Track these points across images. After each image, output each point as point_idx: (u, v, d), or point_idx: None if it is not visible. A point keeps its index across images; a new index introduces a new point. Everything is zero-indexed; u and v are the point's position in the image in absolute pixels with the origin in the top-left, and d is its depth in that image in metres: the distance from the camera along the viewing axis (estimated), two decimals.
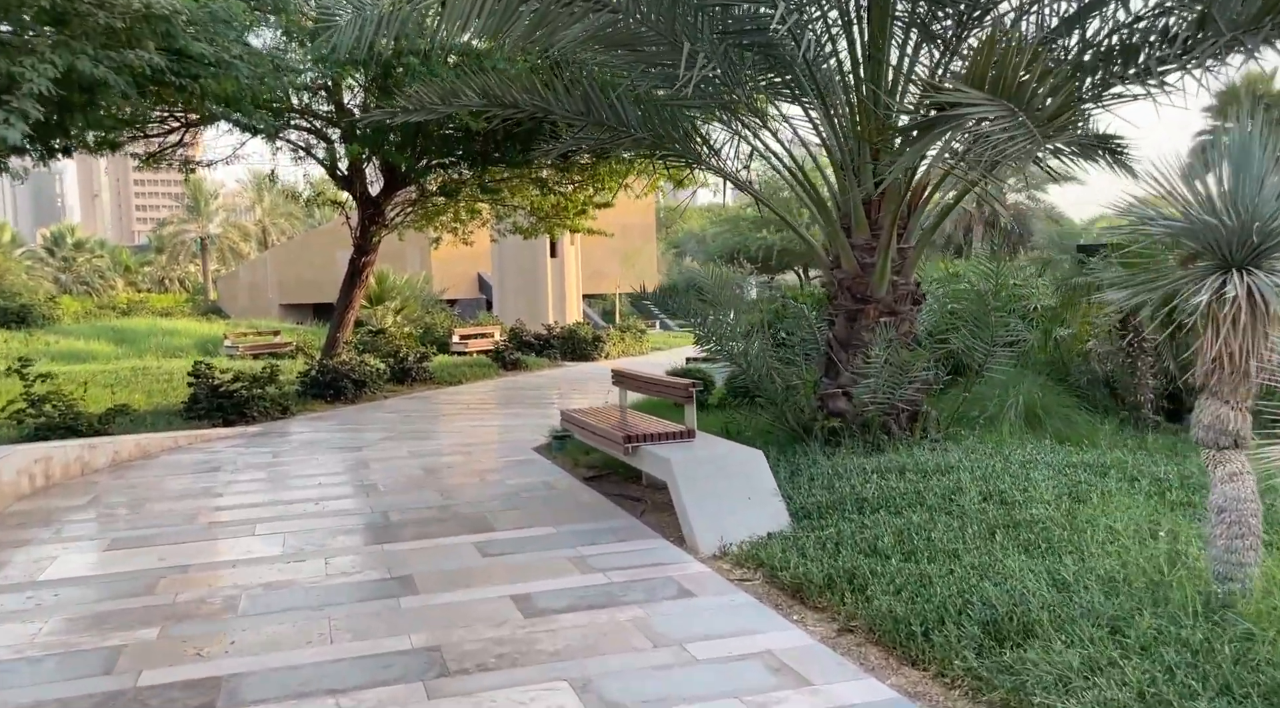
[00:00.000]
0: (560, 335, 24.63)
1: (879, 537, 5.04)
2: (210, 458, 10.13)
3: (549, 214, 20.80)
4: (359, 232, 17.24)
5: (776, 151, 8.38)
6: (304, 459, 9.90)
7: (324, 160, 16.68)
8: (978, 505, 5.46)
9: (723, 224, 65.88)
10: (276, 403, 13.68)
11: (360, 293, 17.86)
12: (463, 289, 42.18)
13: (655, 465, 6.43)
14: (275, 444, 11.13)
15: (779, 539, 5.52)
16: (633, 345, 26.57)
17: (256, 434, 12.02)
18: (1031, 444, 7.20)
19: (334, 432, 12.17)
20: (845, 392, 7.88)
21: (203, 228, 63.86)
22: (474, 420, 12.84)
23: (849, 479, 6.30)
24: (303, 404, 14.74)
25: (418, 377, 17.71)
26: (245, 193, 71.51)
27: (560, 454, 9.45)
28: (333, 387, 15.33)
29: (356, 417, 13.59)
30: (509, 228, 21.70)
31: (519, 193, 19.02)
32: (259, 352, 24.58)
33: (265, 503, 7.69)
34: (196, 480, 8.80)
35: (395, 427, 12.35)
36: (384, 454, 10.04)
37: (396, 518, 6.95)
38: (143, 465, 9.80)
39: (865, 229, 7.87)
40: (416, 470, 8.95)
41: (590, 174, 17.44)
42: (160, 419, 12.39)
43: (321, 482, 8.57)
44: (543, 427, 11.64)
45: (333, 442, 11.23)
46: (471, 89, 7.81)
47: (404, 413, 13.90)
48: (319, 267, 44.05)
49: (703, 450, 6.42)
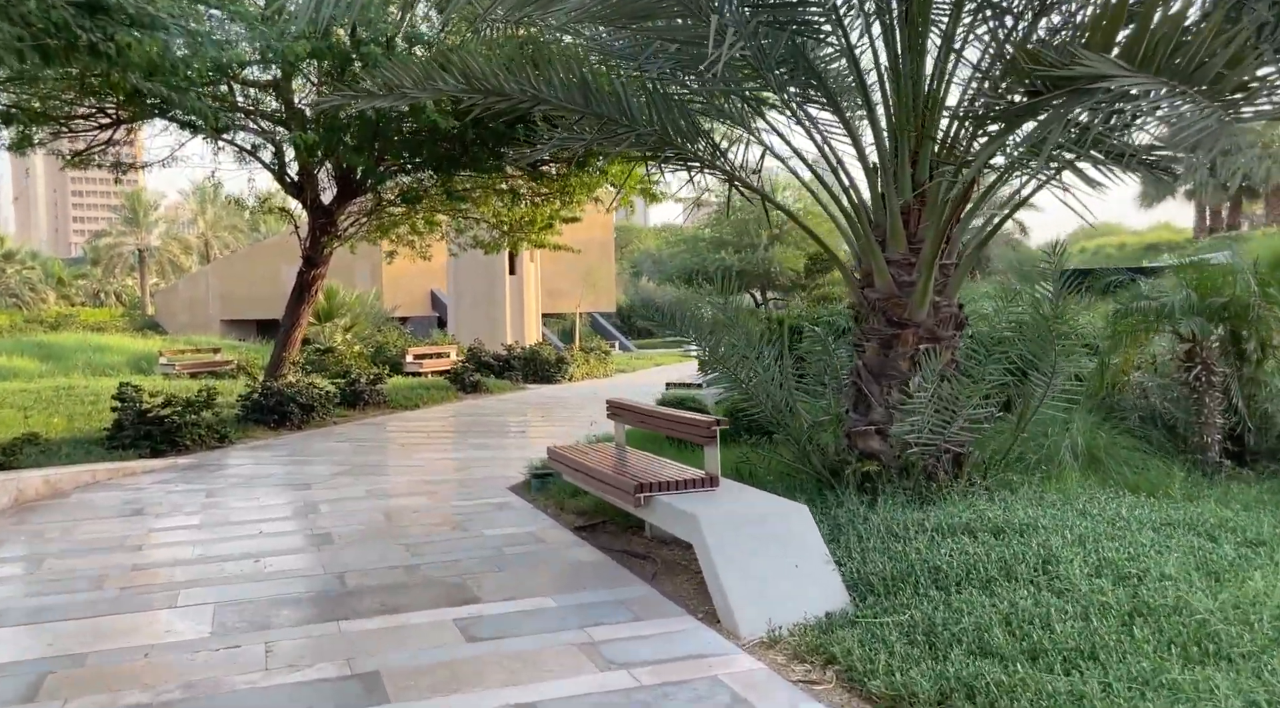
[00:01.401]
0: (522, 356, 23.41)
1: (984, 628, 3.97)
2: (133, 497, 8.76)
3: (513, 227, 19.67)
4: (309, 242, 15.90)
5: (789, 153, 7.36)
6: (243, 500, 8.58)
7: (272, 165, 15.34)
8: (1088, 582, 4.42)
9: (679, 245, 65.24)
10: (213, 430, 12.28)
11: (309, 309, 16.49)
12: (415, 306, 40.74)
13: (675, 522, 5.30)
14: (210, 479, 9.77)
15: (844, 623, 4.42)
16: (597, 367, 25.44)
17: (189, 467, 10.63)
18: (1103, 494, 6.21)
19: (278, 464, 10.83)
20: (879, 429, 6.83)
21: (141, 240, 61.36)
22: (437, 452, 11.57)
23: (909, 540, 5.23)
24: (243, 431, 13.34)
25: (371, 400, 16.36)
26: (187, 204, 69.13)
27: (542, 496, 8.27)
28: (277, 411, 13.95)
29: (304, 446, 12.24)
30: (469, 242, 20.49)
31: (484, 204, 17.87)
32: (197, 370, 22.96)
33: (194, 560, 6.39)
34: (113, 528, 7.45)
35: (348, 459, 11.04)
36: (337, 494, 8.76)
37: (355, 582, 5.71)
38: (50, 507, 8.39)
39: (902, 242, 6.86)
40: (376, 515, 7.70)
41: (561, 185, 16.33)
42: (78, 449, 10.93)
43: (263, 530, 7.28)
44: (515, 460, 10.45)
45: (277, 477, 9.90)
46: (451, 72, 6.66)
47: (358, 442, 12.57)
48: (264, 281, 42.26)
49: (733, 504, 5.31)
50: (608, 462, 6.58)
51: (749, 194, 7.95)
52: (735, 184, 7.65)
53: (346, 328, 26.85)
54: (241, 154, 15.23)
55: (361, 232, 16.94)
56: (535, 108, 7.06)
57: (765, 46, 6.25)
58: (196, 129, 12.59)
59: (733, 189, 7.85)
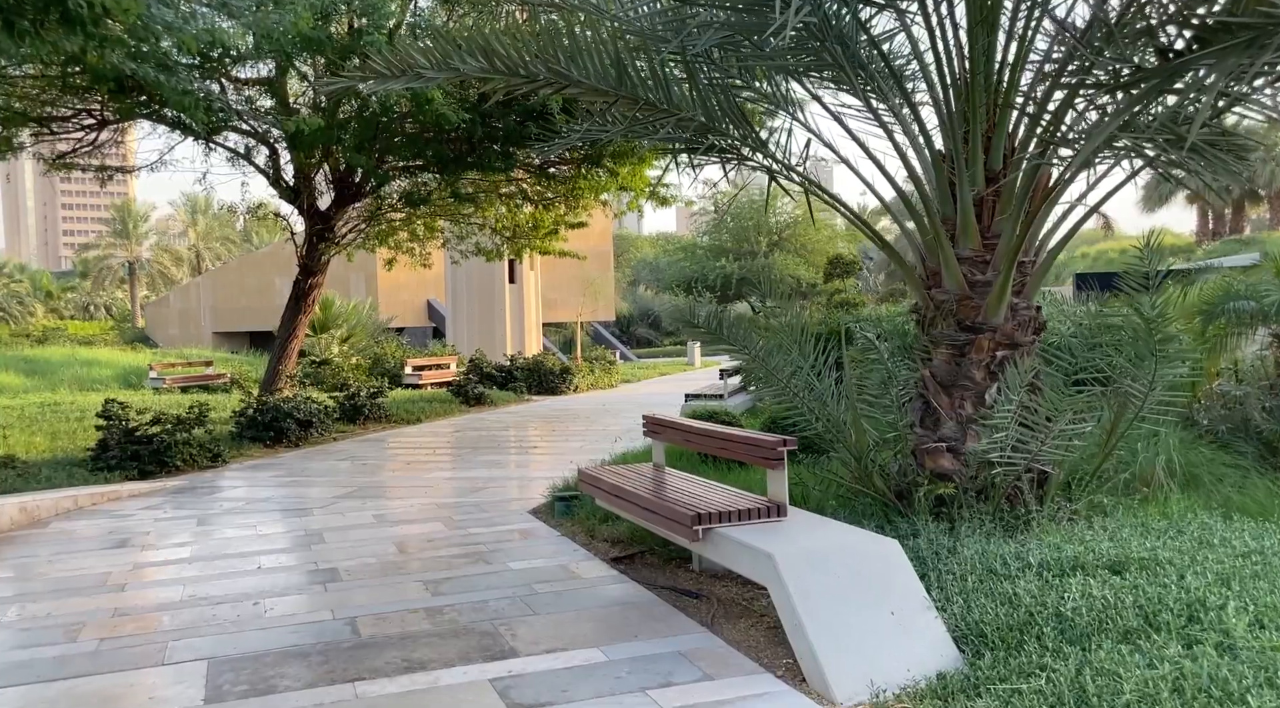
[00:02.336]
0: (525, 367, 22.65)
1: (1152, 699, 3.24)
2: (116, 527, 7.99)
3: (517, 234, 18.98)
4: (305, 250, 15.17)
5: (838, 140, 6.67)
6: (238, 527, 7.82)
7: (266, 168, 14.61)
8: (1253, 635, 3.70)
9: (677, 253, 64.56)
10: (205, 449, 11.50)
11: (306, 319, 15.74)
12: (411, 317, 40.05)
13: (744, 560, 4.56)
14: (202, 504, 9.00)
15: (965, 688, 3.70)
16: (602, 378, 24.70)
17: (179, 490, 9.86)
18: (1212, 519, 5.50)
19: (276, 486, 10.07)
20: (951, 446, 6.11)
21: (131, 251, 60.47)
22: (446, 470, 10.82)
23: (1015, 579, 4.50)
24: (238, 449, 12.57)
25: (371, 414, 15.58)
26: (178, 215, 68.34)
27: (567, 521, 7.53)
28: (273, 427, 13.18)
29: (303, 465, 11.47)
30: (471, 249, 19.79)
31: (488, 208, 17.16)
32: (188, 384, 22.19)
33: (184, 602, 5.63)
34: (94, 563, 6.68)
35: (352, 479, 10.28)
36: (342, 520, 8.00)
37: (370, 631, 4.96)
38: (25, 539, 7.62)
39: (975, 237, 6.16)
40: (387, 546, 6.94)
41: (569, 187, 15.63)
42: (60, 471, 10.14)
43: (261, 564, 6.52)
44: (533, 480, 9.71)
45: (275, 501, 9.14)
46: (473, 52, 5.94)
47: (360, 460, 11.81)
48: (256, 292, 41.52)
49: (810, 538, 4.58)
50: (649, 486, 5.84)
51: (790, 187, 7.23)
52: (777, 177, 6.94)
53: (343, 339, 26.11)
54: (234, 158, 14.51)
55: (360, 238, 16.22)
56: (564, 91, 6.33)
57: (830, 14, 5.55)
58: (187, 128, 11.86)
59: (772, 183, 7.14)
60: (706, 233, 61.81)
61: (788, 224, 58.43)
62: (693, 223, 70.66)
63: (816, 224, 59.07)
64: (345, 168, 14.46)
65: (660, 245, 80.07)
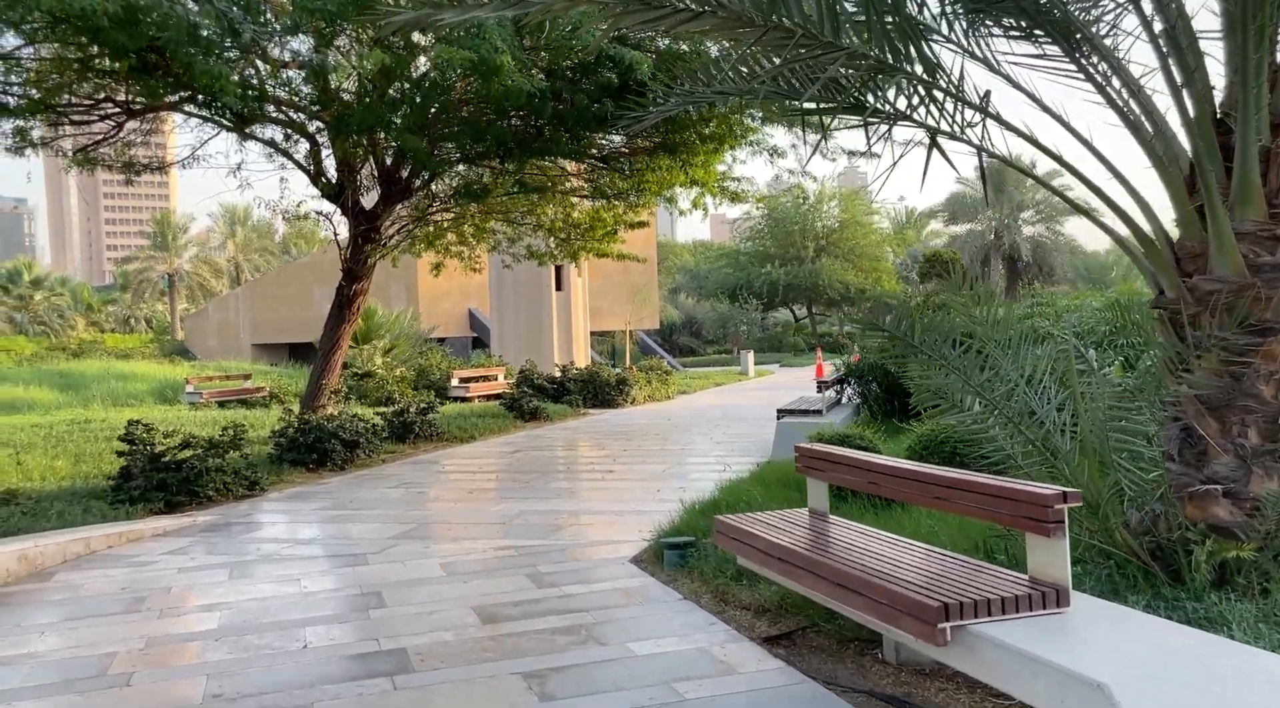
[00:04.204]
0: (579, 378, 21.19)
1: None
2: (132, 580, 6.59)
3: (572, 235, 17.56)
4: (349, 252, 13.84)
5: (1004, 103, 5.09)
6: (278, 581, 6.39)
7: (306, 163, 13.30)
8: None
9: (720, 259, 62.94)
10: (241, 476, 10.14)
11: (350, 329, 14.43)
12: (452, 327, 38.88)
13: (1034, 683, 3.00)
14: (236, 547, 7.60)
15: None
16: (659, 389, 23.18)
17: (210, 527, 8.48)
18: None
19: (322, 521, 8.66)
20: (1228, 490, 4.52)
21: (171, 264, 60.07)
22: (515, 500, 9.34)
23: None
24: (277, 473, 11.21)
25: (422, 432, 14.18)
26: (218, 227, 68.05)
27: (684, 576, 6.01)
28: (316, 449, 11.80)
29: (351, 493, 10.07)
30: (522, 252, 18.40)
31: (543, 207, 15.77)
32: (226, 399, 21.01)
33: (210, 700, 4.18)
34: (97, 637, 5.27)
35: (407, 513, 8.84)
36: (402, 571, 6.54)
37: None
38: (20, 598, 6.24)
39: (1259, 204, 4.57)
40: (463, 613, 5.46)
41: (635, 181, 14.16)
42: (75, 504, 8.82)
43: (308, 640, 5.06)
44: (620, 514, 8.22)
45: (321, 542, 7.73)
46: None
47: (414, 487, 10.38)
48: (295, 303, 40.57)
49: (1135, 646, 3.01)
50: (820, 545, 4.31)
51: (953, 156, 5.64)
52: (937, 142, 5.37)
53: (386, 350, 24.89)
54: (271, 153, 13.22)
55: (407, 239, 14.87)
56: (688, 25, 4.82)
57: None
58: (219, 114, 10.53)
59: (932, 151, 5.58)
60: (750, 239, 60.20)
61: (834, 228, 56.74)
62: (734, 229, 69.14)
63: (864, 228, 57.38)
64: (392, 162, 13.12)
65: (700, 253, 78.54)
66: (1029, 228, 52.11)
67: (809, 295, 54.83)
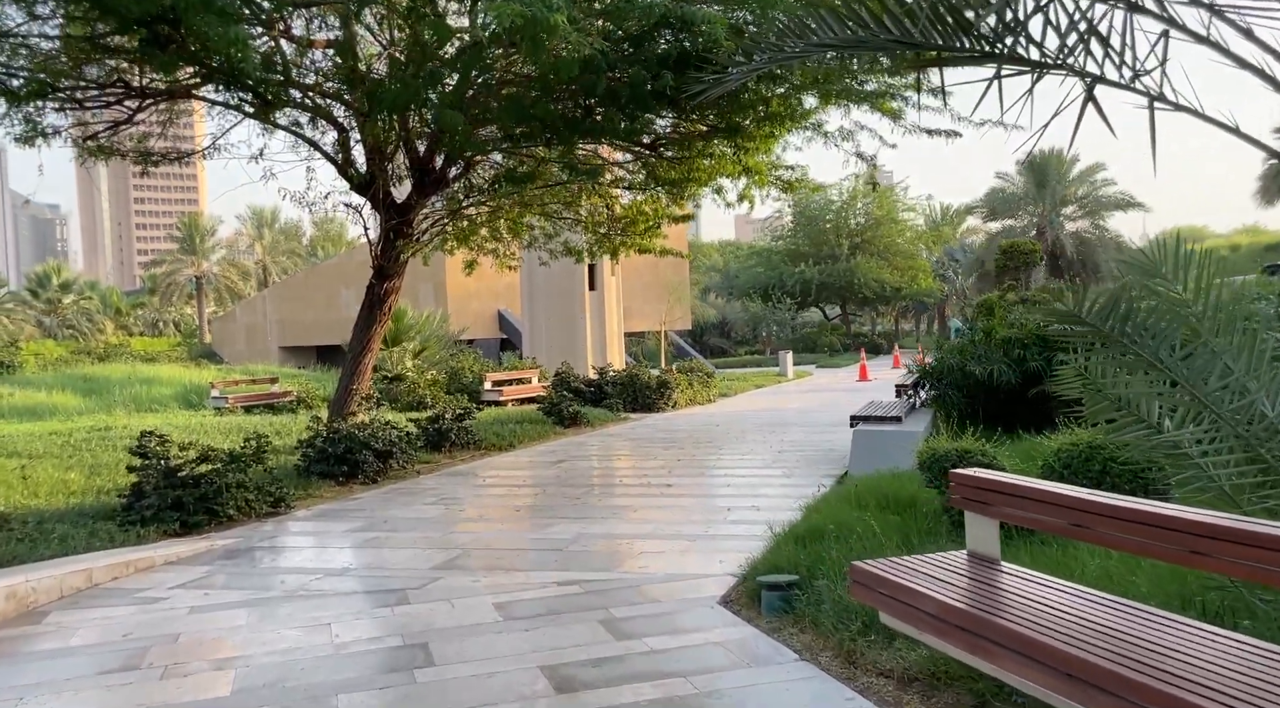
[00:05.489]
0: (618, 381, 20.18)
1: None
2: (136, 624, 5.63)
3: (612, 229, 16.57)
4: (379, 248, 12.89)
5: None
6: (306, 628, 5.40)
7: (334, 152, 12.38)
8: None
9: (750, 258, 61.74)
10: (265, 492, 9.20)
11: (380, 330, 13.49)
12: (481, 328, 38.05)
13: None
14: (257, 579, 6.64)
15: None
16: (700, 392, 22.11)
17: (229, 554, 7.53)
18: None
19: (354, 546, 7.70)
20: None
21: (198, 266, 59.73)
22: (569, 521, 8.32)
23: None
24: (304, 488, 10.27)
25: (458, 440, 13.23)
26: (246, 229, 67.75)
27: (788, 622, 4.97)
28: (346, 460, 10.86)
29: (385, 511, 9.10)
30: (559, 248, 17.40)
31: (581, 199, 14.81)
32: (252, 403, 20.20)
33: None
34: (86, 698, 4.31)
35: (449, 535, 7.86)
36: (451, 614, 5.53)
37: None
38: (7, 645, 5.30)
39: None
40: (532, 675, 4.43)
41: (687, 169, 13.12)
42: (81, 526, 7.91)
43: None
44: (692, 539, 7.20)
45: (355, 573, 6.75)
46: None
47: (454, 504, 9.40)
48: (322, 305, 39.91)
49: None
50: (996, 604, 3.25)
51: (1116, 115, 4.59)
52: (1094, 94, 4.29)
53: (416, 352, 24.01)
54: (297, 142, 12.32)
55: (441, 233, 13.91)
56: None
57: None
58: (241, 93, 9.61)
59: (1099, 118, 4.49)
60: (781, 237, 58.96)
61: (868, 225, 55.41)
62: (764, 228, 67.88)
63: (899, 225, 56.00)
64: (426, 149, 12.17)
65: (729, 252, 77.37)
66: (1071, 224, 50.50)
67: (843, 294, 53.63)
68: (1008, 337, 10.98)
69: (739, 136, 11.39)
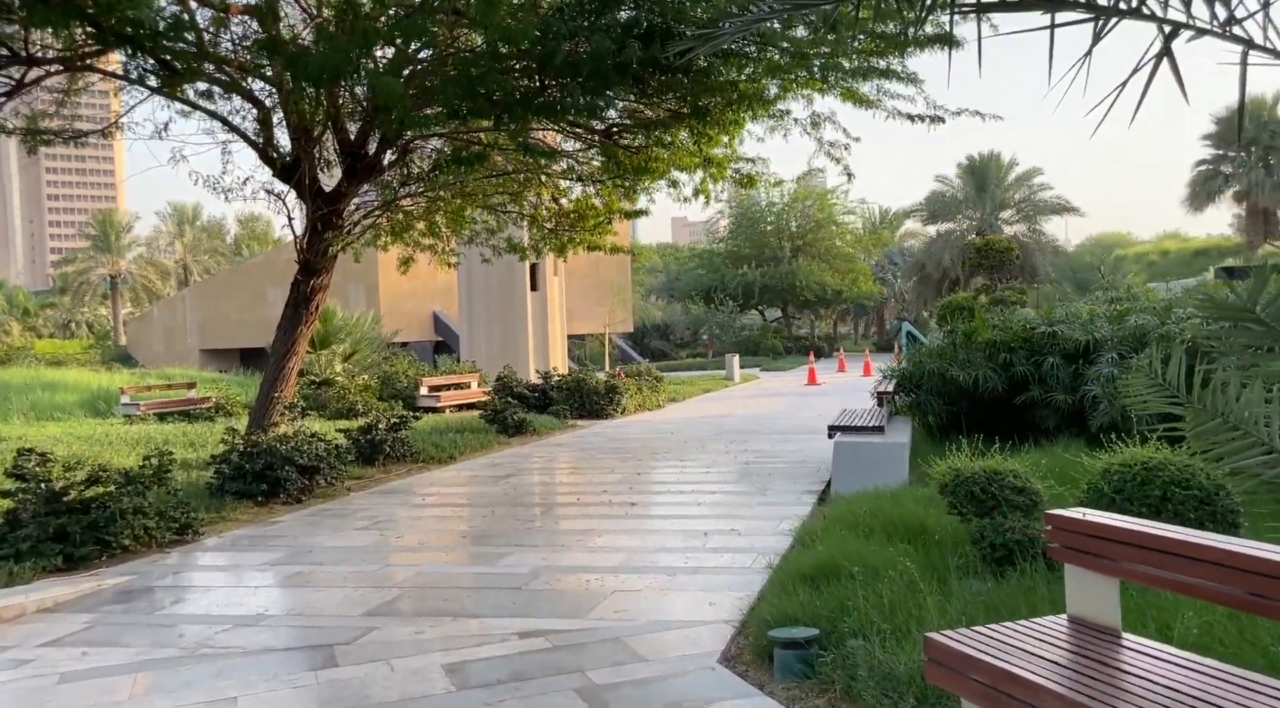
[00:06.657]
0: (564, 386, 19.12)
1: None
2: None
3: (559, 225, 15.61)
4: (305, 241, 11.69)
5: None
6: (204, 703, 4.28)
7: (254, 137, 11.14)
8: None
9: (692, 260, 61.17)
10: (168, 518, 7.96)
11: (307, 331, 12.26)
12: (415, 330, 36.62)
13: None
14: (149, 633, 5.46)
15: None
16: (650, 398, 21.16)
17: (120, 596, 6.31)
18: None
19: (272, 584, 6.56)
20: None
21: (113, 265, 56.76)
22: (523, 550, 7.27)
23: None
24: (217, 509, 9.05)
25: (393, 452, 12.05)
26: (166, 226, 64.84)
27: (814, 692, 4.03)
28: (266, 477, 9.64)
29: (310, 538, 7.92)
30: (502, 245, 16.30)
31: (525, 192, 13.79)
32: (167, 411, 18.63)
33: None
34: None
35: (386, 569, 6.75)
36: (390, 682, 4.45)
37: None
38: None
39: None
40: None
41: (642, 159, 12.17)
42: None
43: None
44: (673, 572, 6.21)
45: (272, 621, 5.61)
46: None
47: (390, 528, 8.27)
48: (247, 306, 37.96)
49: None
50: (1120, 690, 2.36)
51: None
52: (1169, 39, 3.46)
53: (346, 355, 22.62)
54: (213, 122, 11.03)
55: (374, 225, 12.73)
56: None
57: None
58: (149, 50, 8.34)
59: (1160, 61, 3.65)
60: (723, 239, 58.55)
61: (809, 228, 55.24)
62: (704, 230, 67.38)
63: (840, 227, 55.97)
64: (358, 131, 11.00)
65: (670, 254, 76.65)
66: (1009, 227, 50.91)
67: (785, 297, 53.35)
68: (991, 340, 10.25)
69: (705, 121, 10.47)
